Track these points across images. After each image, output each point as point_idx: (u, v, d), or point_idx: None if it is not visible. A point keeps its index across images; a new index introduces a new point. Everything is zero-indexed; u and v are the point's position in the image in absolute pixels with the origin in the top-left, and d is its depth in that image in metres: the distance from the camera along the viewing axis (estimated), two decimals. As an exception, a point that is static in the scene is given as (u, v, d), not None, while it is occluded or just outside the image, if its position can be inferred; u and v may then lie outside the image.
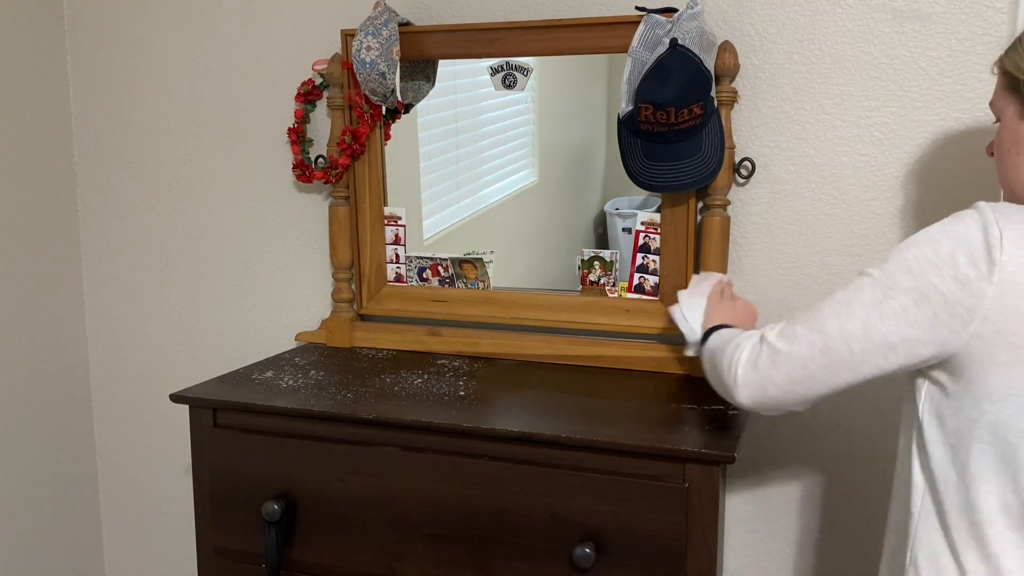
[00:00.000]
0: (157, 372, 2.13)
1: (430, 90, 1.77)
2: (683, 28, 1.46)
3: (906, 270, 1.01)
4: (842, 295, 1.06)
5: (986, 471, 1.01)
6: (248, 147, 1.96)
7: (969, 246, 0.97)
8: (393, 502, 1.41)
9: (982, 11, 1.47)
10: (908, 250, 1.02)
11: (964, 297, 0.97)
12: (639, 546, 1.30)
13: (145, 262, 2.09)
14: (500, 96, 1.72)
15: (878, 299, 1.02)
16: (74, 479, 2.17)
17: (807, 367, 1.07)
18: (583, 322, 1.69)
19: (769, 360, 1.10)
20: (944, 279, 0.98)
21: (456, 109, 1.78)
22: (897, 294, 1.01)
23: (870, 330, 1.02)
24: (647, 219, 1.63)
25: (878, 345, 1.02)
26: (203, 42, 1.95)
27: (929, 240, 1.01)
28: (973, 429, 1.00)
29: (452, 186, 1.80)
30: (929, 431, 1.05)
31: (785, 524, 1.71)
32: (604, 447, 1.30)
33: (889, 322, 1.01)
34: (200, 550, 1.57)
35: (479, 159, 1.78)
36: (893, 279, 1.01)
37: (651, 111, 1.47)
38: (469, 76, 1.75)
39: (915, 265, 1.00)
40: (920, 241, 1.01)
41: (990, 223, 0.98)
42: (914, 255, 1.01)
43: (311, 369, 1.67)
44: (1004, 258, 0.95)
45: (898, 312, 1.01)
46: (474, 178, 1.79)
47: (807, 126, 1.58)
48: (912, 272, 1.00)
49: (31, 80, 1.99)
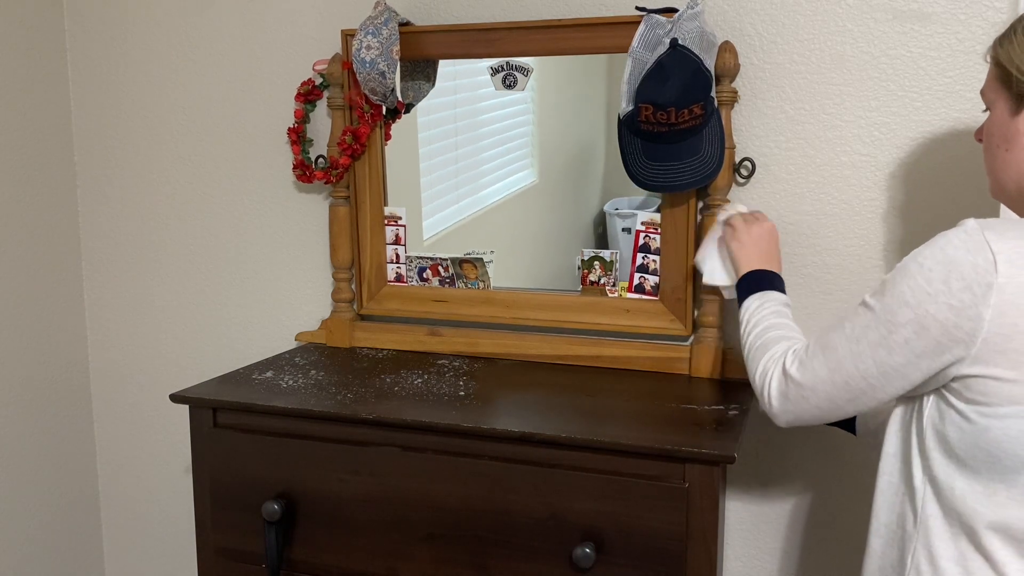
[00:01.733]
0: (157, 372, 2.13)
1: (430, 90, 1.77)
2: (683, 28, 1.46)
3: (903, 303, 1.01)
4: (850, 330, 1.08)
5: (993, 483, 1.01)
6: (248, 147, 1.96)
7: (960, 270, 0.97)
8: (393, 502, 1.41)
9: (982, 11, 1.47)
10: (902, 282, 1.02)
11: (963, 322, 0.97)
12: (639, 546, 1.30)
13: (145, 262, 2.09)
14: (500, 96, 1.72)
15: (883, 336, 1.04)
16: (74, 479, 2.17)
17: (833, 401, 1.11)
18: (583, 322, 1.69)
19: (797, 394, 1.14)
20: (940, 308, 0.98)
21: (456, 109, 1.77)
22: (899, 328, 1.02)
23: (883, 366, 1.05)
24: (647, 219, 1.63)
25: (894, 377, 1.05)
26: (203, 42, 1.95)
27: (921, 269, 1.01)
28: (979, 442, 1.00)
29: (452, 186, 1.80)
30: (932, 439, 1.05)
31: (785, 524, 1.71)
32: (604, 447, 1.30)
33: (898, 356, 1.03)
34: (200, 550, 1.57)
35: (479, 159, 1.78)
36: (892, 313, 1.03)
37: (651, 111, 1.47)
38: (469, 76, 1.75)
39: (911, 297, 1.01)
40: (912, 271, 1.01)
41: (980, 245, 0.97)
42: (908, 287, 1.01)
43: (311, 369, 1.67)
44: (1001, 280, 0.95)
45: (903, 345, 1.02)
46: (474, 178, 1.79)
47: (807, 126, 1.58)
48: (909, 305, 1.01)
49: (31, 80, 1.99)
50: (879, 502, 1.14)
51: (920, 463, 1.07)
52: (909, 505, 1.09)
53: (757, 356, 1.24)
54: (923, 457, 1.07)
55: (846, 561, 1.68)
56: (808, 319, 1.61)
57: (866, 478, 1.64)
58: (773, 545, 1.73)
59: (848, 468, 1.65)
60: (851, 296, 1.59)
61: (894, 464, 1.12)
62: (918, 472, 1.07)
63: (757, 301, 1.35)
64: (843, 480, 1.66)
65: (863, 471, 1.64)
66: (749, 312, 1.34)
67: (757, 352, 1.25)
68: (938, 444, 1.04)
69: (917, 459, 1.07)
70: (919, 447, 1.07)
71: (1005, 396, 0.97)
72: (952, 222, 1.54)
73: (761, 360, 1.22)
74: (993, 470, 1.00)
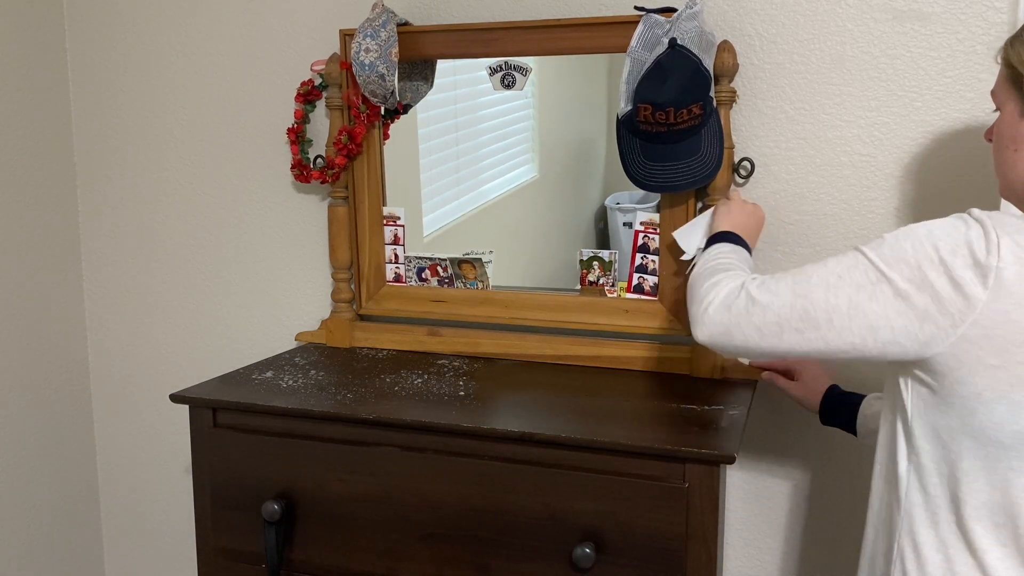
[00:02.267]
0: (157, 372, 2.13)
1: (428, 91, 1.77)
2: (682, 28, 1.46)
3: (902, 260, 1.00)
4: (834, 266, 1.05)
5: (975, 468, 1.01)
6: (248, 147, 1.96)
7: (969, 247, 0.97)
8: (393, 502, 1.42)
9: (982, 11, 1.47)
10: (907, 240, 1.01)
11: (957, 298, 0.97)
12: (639, 546, 1.30)
13: (145, 262, 2.09)
14: (500, 92, 1.72)
15: (871, 281, 1.02)
16: (74, 479, 2.17)
17: (780, 323, 1.06)
18: (582, 322, 1.69)
19: (744, 307, 1.09)
20: (940, 277, 0.98)
21: (456, 105, 1.77)
22: (890, 281, 1.01)
23: (856, 309, 1.02)
24: (646, 219, 1.63)
25: (859, 325, 1.02)
26: (203, 42, 1.95)
27: (930, 235, 1.00)
28: (963, 428, 1.01)
29: (452, 182, 1.80)
30: (917, 426, 1.05)
31: (785, 524, 1.71)
32: (604, 447, 1.30)
33: (876, 305, 1.01)
34: (200, 550, 1.57)
35: (479, 155, 1.78)
36: (888, 265, 1.01)
37: (650, 111, 1.47)
38: (469, 72, 1.74)
39: (912, 257, 1.00)
40: (921, 235, 1.01)
41: (988, 229, 0.98)
42: (912, 246, 1.00)
43: (311, 369, 1.67)
44: (1001, 264, 0.96)
45: (888, 298, 1.00)
46: (474, 174, 1.79)
47: (807, 126, 1.58)
48: (908, 264, 1.00)
49: (31, 80, 1.99)
50: (872, 491, 1.15)
51: (905, 450, 1.08)
52: (895, 493, 1.09)
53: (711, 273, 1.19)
54: (908, 444, 1.07)
55: (846, 561, 1.68)
56: (808, 319, 1.61)
57: (866, 478, 1.64)
58: (773, 545, 1.73)
59: (848, 468, 1.65)
60: (851, 296, 1.59)
61: (885, 454, 1.13)
62: (902, 460, 1.08)
63: (728, 247, 1.32)
64: (843, 480, 1.66)
65: (863, 471, 1.64)
66: (716, 250, 1.30)
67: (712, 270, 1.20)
68: (922, 430, 1.05)
69: (903, 447, 1.08)
70: (905, 434, 1.07)
71: (989, 381, 0.97)
72: (952, 222, 1.53)
73: (715, 276, 1.18)
74: (975, 456, 1.01)
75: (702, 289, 1.17)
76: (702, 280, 1.20)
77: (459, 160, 1.79)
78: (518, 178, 1.79)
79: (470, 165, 1.78)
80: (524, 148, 1.78)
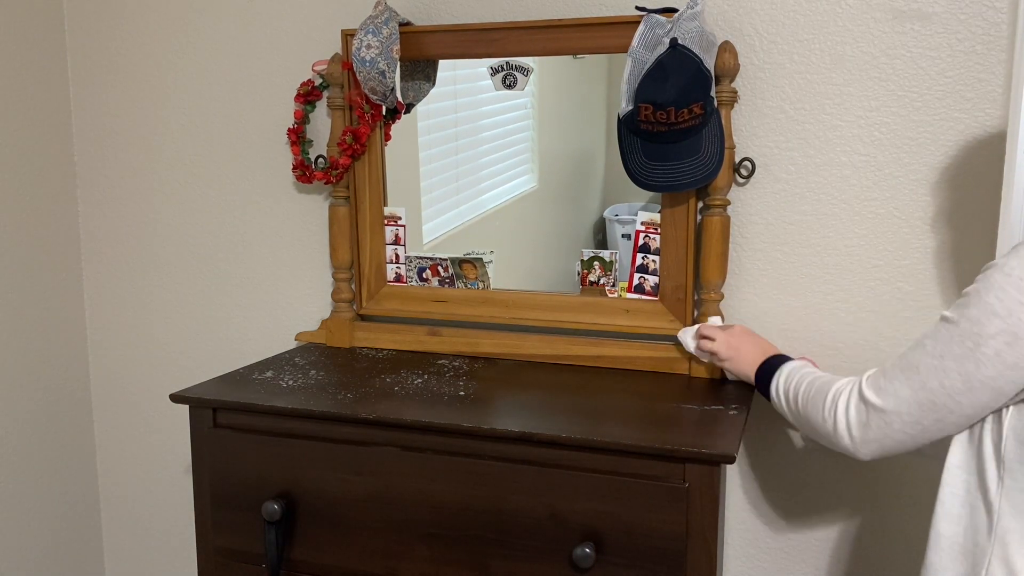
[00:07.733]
0: (157, 372, 2.13)
1: (430, 90, 1.77)
2: (683, 28, 1.46)
3: (992, 314, 1.00)
4: (932, 347, 1.05)
5: None
6: (248, 147, 1.96)
7: None
8: (393, 502, 1.41)
9: (982, 11, 1.47)
10: (988, 293, 1.00)
11: None
12: (639, 546, 1.30)
13: (145, 262, 2.09)
14: (500, 100, 1.72)
15: (969, 349, 1.01)
16: (74, 479, 2.17)
17: (920, 423, 1.08)
18: (583, 322, 1.70)
19: (881, 422, 1.11)
20: None
21: (456, 114, 1.77)
22: (988, 340, 1.00)
23: (971, 380, 1.02)
24: (647, 219, 1.63)
25: (982, 390, 1.02)
26: (203, 42, 1.95)
27: (1008, 278, 0.99)
28: None
29: (452, 190, 1.80)
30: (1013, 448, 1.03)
31: (785, 524, 1.71)
32: (604, 447, 1.30)
33: (987, 369, 1.01)
34: (200, 550, 1.57)
35: (479, 164, 1.78)
36: (979, 325, 1.00)
37: (651, 111, 1.47)
38: (470, 81, 1.75)
39: (1000, 307, 0.99)
40: (999, 281, 1.00)
41: None
42: (996, 297, 0.99)
43: (311, 369, 1.67)
44: None
45: (993, 358, 1.00)
46: (474, 183, 1.79)
47: (807, 126, 1.58)
48: (998, 315, 0.99)
49: (31, 80, 1.99)
50: (940, 515, 1.12)
51: (995, 473, 1.05)
52: (982, 519, 1.07)
53: (816, 402, 1.21)
54: (999, 467, 1.05)
55: (847, 561, 1.68)
56: (808, 318, 1.61)
57: (866, 478, 1.65)
58: (773, 545, 1.73)
59: (848, 468, 1.65)
60: (850, 296, 1.59)
61: (959, 476, 1.10)
62: (992, 484, 1.05)
63: (783, 376, 1.34)
64: (843, 480, 1.66)
65: (863, 471, 1.64)
66: (781, 387, 1.33)
67: (814, 400, 1.21)
68: (1017, 453, 1.03)
69: (992, 470, 1.05)
70: (995, 457, 1.05)
71: None
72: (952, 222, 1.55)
73: (823, 403, 1.19)
74: None
75: (824, 417, 1.18)
76: (812, 413, 1.21)
77: (459, 168, 1.79)
78: (517, 188, 1.79)
79: (470, 174, 1.79)
80: (524, 158, 1.78)
